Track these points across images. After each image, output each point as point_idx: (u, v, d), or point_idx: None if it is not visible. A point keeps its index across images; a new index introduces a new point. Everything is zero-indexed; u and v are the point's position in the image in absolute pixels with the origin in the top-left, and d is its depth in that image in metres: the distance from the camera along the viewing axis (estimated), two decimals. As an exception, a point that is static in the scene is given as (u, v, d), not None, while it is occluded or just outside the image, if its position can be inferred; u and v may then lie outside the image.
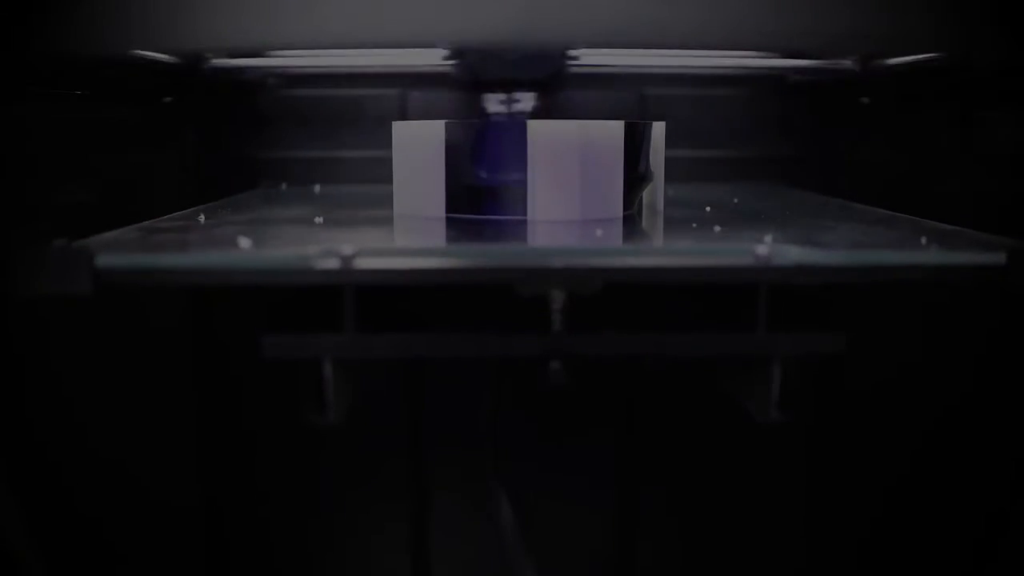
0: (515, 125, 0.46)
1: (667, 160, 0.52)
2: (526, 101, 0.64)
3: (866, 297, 0.51)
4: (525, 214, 0.46)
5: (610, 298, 0.37)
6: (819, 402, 0.67)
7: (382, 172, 0.52)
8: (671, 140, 0.52)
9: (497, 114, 0.64)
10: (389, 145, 0.51)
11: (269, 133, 0.73)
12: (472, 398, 0.55)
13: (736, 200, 0.58)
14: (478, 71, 0.61)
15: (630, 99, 0.73)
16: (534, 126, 0.45)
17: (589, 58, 0.62)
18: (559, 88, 0.67)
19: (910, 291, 0.52)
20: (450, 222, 0.46)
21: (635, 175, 0.50)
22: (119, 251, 0.36)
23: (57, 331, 0.47)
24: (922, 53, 0.50)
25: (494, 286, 0.36)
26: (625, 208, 0.48)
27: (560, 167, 0.45)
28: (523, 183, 0.46)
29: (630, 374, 0.65)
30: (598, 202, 0.47)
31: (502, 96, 0.64)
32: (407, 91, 0.73)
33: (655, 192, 0.52)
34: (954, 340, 0.53)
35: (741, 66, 0.67)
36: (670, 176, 0.53)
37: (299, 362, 0.37)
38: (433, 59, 0.61)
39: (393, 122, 0.51)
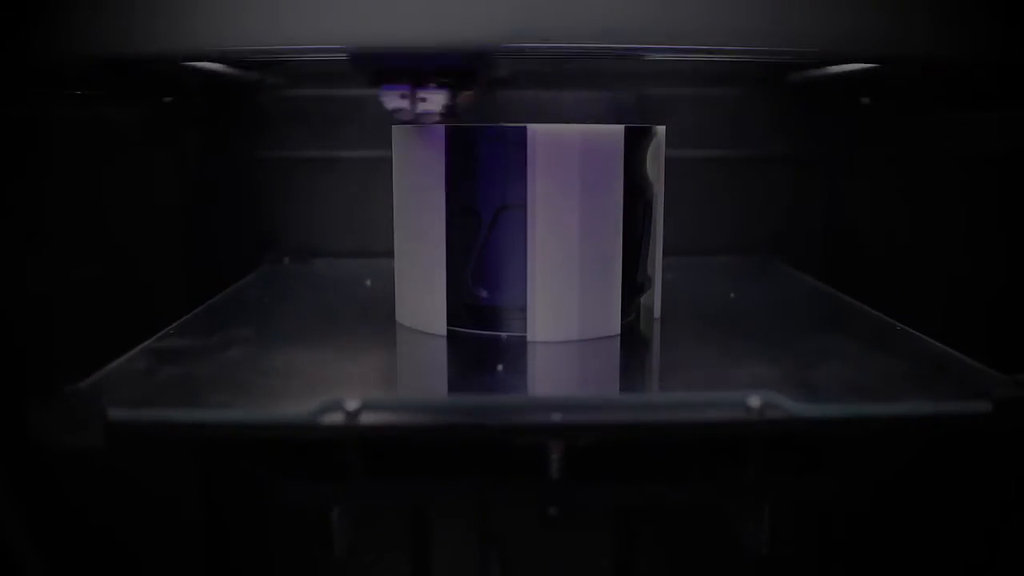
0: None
1: (667, 160, 0.52)
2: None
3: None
4: (524, 331, 0.47)
5: (607, 441, 0.39)
6: (813, 535, 0.67)
7: (382, 173, 0.52)
8: (671, 140, 0.53)
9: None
10: (389, 145, 0.51)
11: (269, 133, 0.74)
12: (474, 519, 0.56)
13: (732, 295, 0.59)
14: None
15: (629, 99, 0.74)
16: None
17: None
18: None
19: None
20: (451, 343, 0.47)
21: (633, 286, 0.51)
22: (130, 405, 0.37)
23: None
24: (922, 53, 0.50)
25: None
26: (624, 316, 0.49)
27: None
28: (523, 300, 0.47)
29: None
30: (596, 317, 0.48)
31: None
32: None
33: (652, 296, 0.53)
34: (951, 470, 0.54)
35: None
36: (671, 180, 0.53)
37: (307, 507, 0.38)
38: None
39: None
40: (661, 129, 0.52)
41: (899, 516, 0.60)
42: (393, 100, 0.52)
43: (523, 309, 0.47)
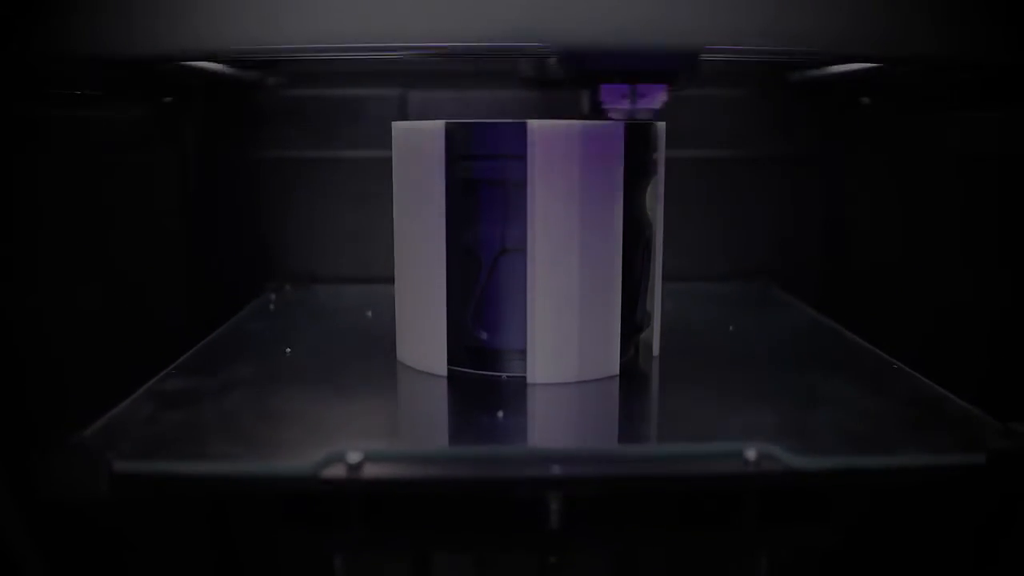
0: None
1: (667, 160, 0.52)
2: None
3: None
4: (524, 371, 0.48)
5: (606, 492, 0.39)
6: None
7: (384, 174, 0.52)
8: (672, 140, 0.53)
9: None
10: (389, 145, 0.51)
11: (269, 133, 0.75)
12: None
13: (731, 327, 0.59)
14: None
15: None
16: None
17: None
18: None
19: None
20: (451, 385, 0.48)
21: (632, 325, 0.51)
22: (134, 457, 0.38)
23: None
24: (922, 53, 0.50)
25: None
26: (623, 354, 0.50)
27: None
28: (523, 343, 0.48)
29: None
30: (596, 358, 0.48)
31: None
32: (407, 91, 0.74)
33: (651, 332, 0.53)
34: (949, 515, 0.54)
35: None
36: (669, 179, 0.53)
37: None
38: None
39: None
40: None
41: (894, 561, 0.60)
42: (613, 99, 0.53)
43: (523, 351, 0.48)
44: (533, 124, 0.46)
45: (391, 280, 0.53)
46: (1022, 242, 0.55)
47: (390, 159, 0.51)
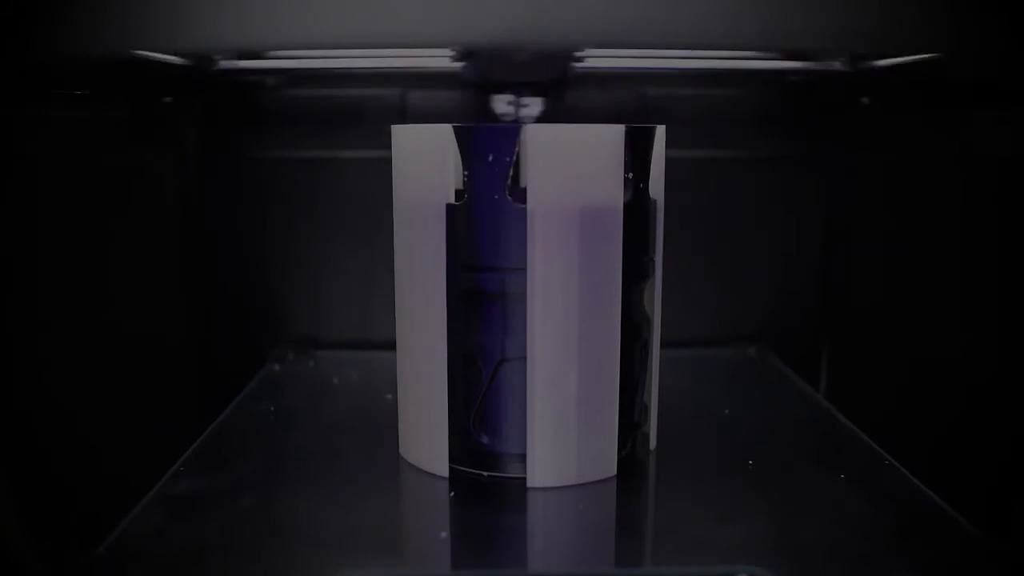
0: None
1: (667, 160, 0.53)
2: (533, 106, 0.64)
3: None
4: (524, 472, 0.49)
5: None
6: None
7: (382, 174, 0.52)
8: (671, 141, 0.53)
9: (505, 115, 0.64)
10: (388, 145, 0.51)
11: (269, 133, 0.75)
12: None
13: (727, 411, 0.61)
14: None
15: (630, 99, 0.74)
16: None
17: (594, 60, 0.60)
18: (563, 90, 0.66)
19: None
20: (453, 488, 0.49)
21: (630, 424, 0.52)
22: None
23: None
24: (922, 53, 0.51)
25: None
26: (620, 449, 0.51)
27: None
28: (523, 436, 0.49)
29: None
30: (594, 461, 0.49)
31: (509, 98, 0.64)
32: (407, 91, 0.74)
33: (649, 424, 0.55)
34: None
35: (742, 68, 0.65)
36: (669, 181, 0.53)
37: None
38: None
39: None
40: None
41: None
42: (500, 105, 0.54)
43: (523, 455, 0.49)
44: (535, 238, 0.47)
45: (392, 344, 0.53)
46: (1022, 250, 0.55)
47: (390, 159, 0.51)
